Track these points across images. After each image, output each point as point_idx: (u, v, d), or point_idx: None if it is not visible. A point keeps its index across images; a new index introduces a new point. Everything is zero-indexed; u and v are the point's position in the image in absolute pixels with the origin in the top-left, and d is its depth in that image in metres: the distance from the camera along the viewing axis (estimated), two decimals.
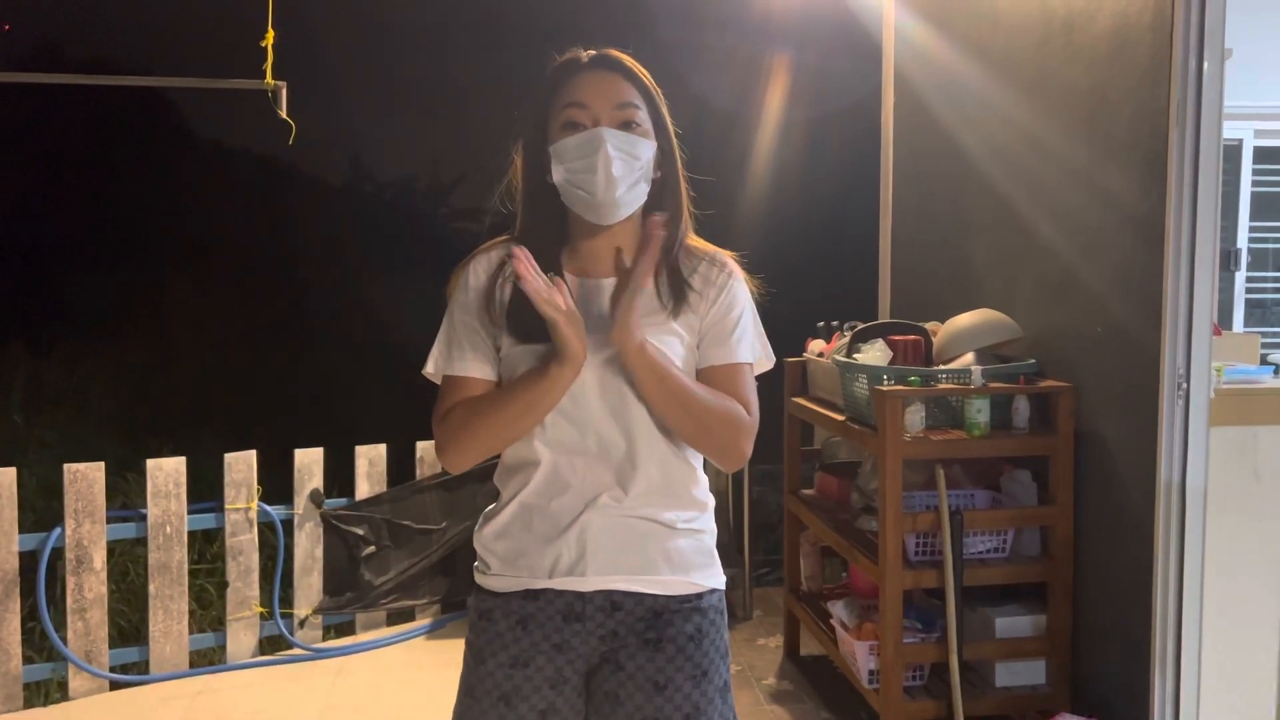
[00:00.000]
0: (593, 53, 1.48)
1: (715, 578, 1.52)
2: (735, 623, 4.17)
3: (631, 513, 1.44)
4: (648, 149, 1.45)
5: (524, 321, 1.43)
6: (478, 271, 1.51)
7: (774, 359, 1.57)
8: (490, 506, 1.54)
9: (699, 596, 1.48)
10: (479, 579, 1.51)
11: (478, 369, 1.47)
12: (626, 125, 1.44)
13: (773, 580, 4.61)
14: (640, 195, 1.46)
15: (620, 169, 1.41)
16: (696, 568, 1.48)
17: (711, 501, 1.54)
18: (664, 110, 1.51)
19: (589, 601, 1.44)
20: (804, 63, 8.12)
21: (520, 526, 1.46)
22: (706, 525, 1.52)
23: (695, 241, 1.56)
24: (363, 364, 8.21)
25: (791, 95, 8.36)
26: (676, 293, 1.47)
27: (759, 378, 1.54)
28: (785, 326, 1.61)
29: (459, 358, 1.47)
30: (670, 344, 1.45)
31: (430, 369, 1.50)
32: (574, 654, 1.45)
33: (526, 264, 1.30)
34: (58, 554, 3.52)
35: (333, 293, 9.81)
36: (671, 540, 1.46)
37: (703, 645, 1.46)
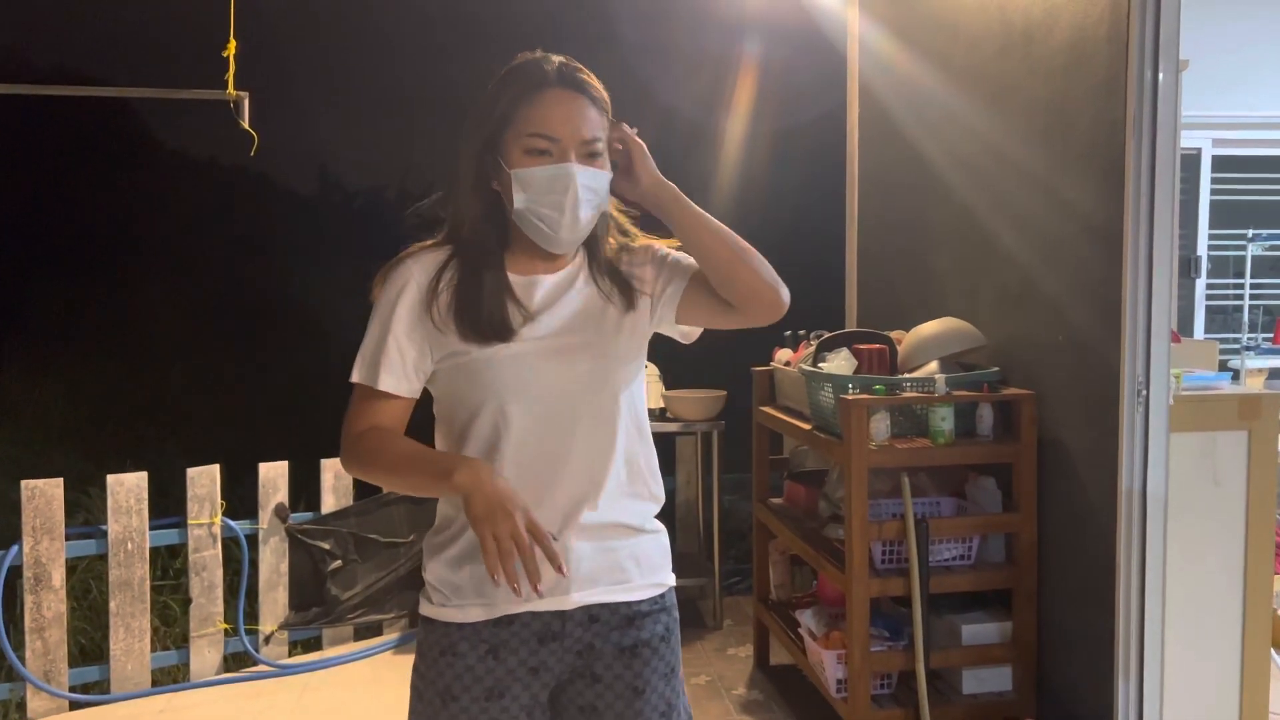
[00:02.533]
0: (558, 62, 1.42)
1: (671, 574, 1.55)
2: (705, 632, 4.16)
3: (604, 520, 1.43)
4: (606, 180, 1.44)
5: (478, 323, 1.40)
6: (415, 274, 1.44)
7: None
8: (435, 534, 1.47)
9: (663, 596, 1.51)
10: (434, 613, 1.43)
11: (401, 384, 1.42)
12: (591, 158, 1.41)
13: (743, 589, 4.61)
14: (593, 223, 1.45)
15: (586, 210, 1.40)
16: (660, 568, 1.51)
17: (664, 494, 1.54)
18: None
19: (569, 619, 1.42)
20: (769, 74, 8.17)
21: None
22: (659, 523, 1.53)
23: (622, 239, 1.55)
24: (327, 376, 8.13)
25: (757, 107, 8.42)
26: (623, 291, 1.49)
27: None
28: (752, 335, 1.63)
29: (386, 369, 1.42)
30: (632, 339, 1.47)
31: (356, 377, 1.44)
32: (548, 675, 1.43)
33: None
34: (16, 572, 3.45)
35: (297, 304, 9.73)
36: (638, 542, 1.48)
37: (670, 643, 1.49)
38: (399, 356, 1.42)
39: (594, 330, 1.45)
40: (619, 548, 1.45)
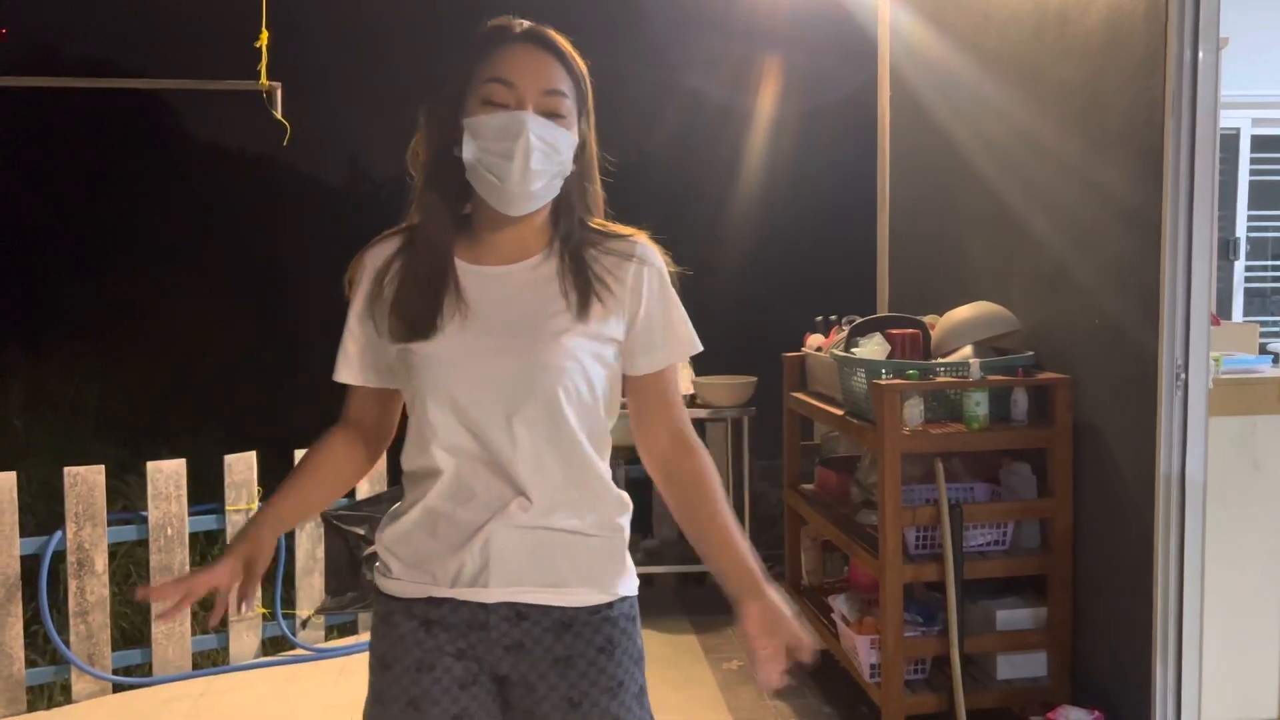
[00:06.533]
0: (526, 25, 1.37)
1: (626, 585, 1.44)
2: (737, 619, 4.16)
3: (540, 523, 1.36)
4: (568, 142, 1.35)
5: (402, 319, 1.36)
6: (367, 267, 1.43)
7: (699, 345, 1.47)
8: (396, 506, 1.46)
9: (609, 606, 1.41)
10: (380, 582, 1.43)
11: (356, 376, 1.45)
12: (552, 114, 1.33)
13: (774, 575, 4.61)
14: (554, 189, 1.37)
15: (539, 160, 1.31)
16: (605, 575, 1.41)
17: (627, 501, 1.46)
18: (589, 96, 1.41)
19: (493, 612, 1.37)
20: (799, 58, 8.11)
21: (425, 532, 1.39)
22: (616, 526, 1.43)
23: (602, 225, 1.44)
24: None
25: (787, 90, 8.36)
26: (582, 291, 1.37)
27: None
28: (784, 321, 1.61)
29: (342, 363, 1.45)
30: (580, 346, 1.36)
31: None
32: (478, 661, 1.40)
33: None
34: (59, 557, 3.52)
35: (330, 291, 9.79)
36: (583, 547, 1.39)
37: (615, 656, 1.40)
38: (355, 350, 1.44)
39: (532, 334, 1.35)
40: (555, 549, 1.37)
